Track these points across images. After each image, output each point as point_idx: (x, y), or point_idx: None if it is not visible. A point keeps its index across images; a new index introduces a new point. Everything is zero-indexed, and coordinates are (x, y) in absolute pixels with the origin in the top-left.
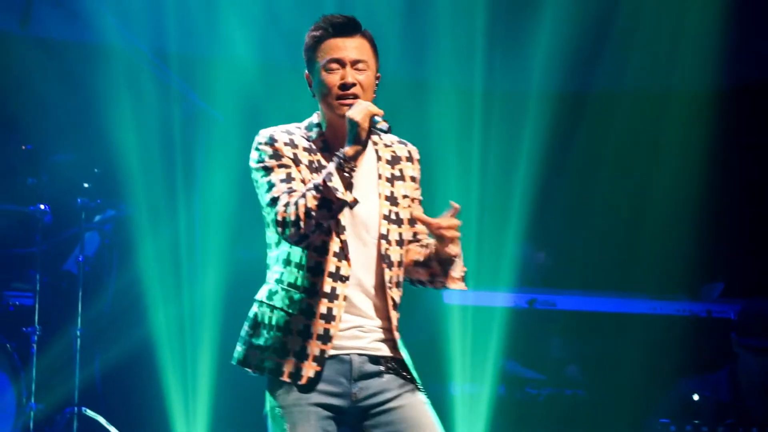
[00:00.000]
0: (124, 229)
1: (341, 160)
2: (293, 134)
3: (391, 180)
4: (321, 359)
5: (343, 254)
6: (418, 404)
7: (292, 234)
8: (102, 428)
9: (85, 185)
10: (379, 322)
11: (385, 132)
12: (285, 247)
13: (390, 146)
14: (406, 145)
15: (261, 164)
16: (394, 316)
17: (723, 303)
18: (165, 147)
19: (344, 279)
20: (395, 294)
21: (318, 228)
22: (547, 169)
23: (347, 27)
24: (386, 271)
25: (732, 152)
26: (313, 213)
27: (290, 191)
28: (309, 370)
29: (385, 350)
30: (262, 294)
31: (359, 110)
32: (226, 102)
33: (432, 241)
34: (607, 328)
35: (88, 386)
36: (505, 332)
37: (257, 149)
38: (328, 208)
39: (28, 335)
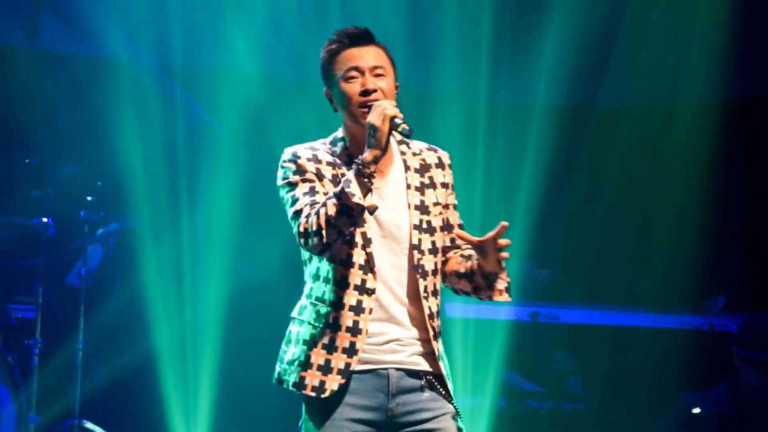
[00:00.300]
0: (127, 243)
1: (360, 166)
2: (317, 150)
3: (421, 188)
4: (346, 372)
5: (369, 267)
6: (453, 430)
7: (315, 244)
8: None
9: (89, 198)
10: (416, 333)
11: (406, 136)
12: (315, 262)
13: (419, 154)
14: (436, 151)
15: (285, 180)
16: (432, 325)
17: (725, 316)
18: (168, 160)
19: (370, 292)
20: (432, 303)
21: (340, 236)
22: (550, 183)
23: (362, 37)
24: (420, 281)
25: (736, 166)
26: (333, 221)
27: (313, 203)
28: (332, 383)
29: (423, 364)
30: (295, 311)
31: (377, 113)
32: (229, 115)
33: (474, 253)
34: (610, 342)
35: (89, 399)
36: (507, 345)
37: (282, 167)
38: (348, 215)
39: (29, 347)
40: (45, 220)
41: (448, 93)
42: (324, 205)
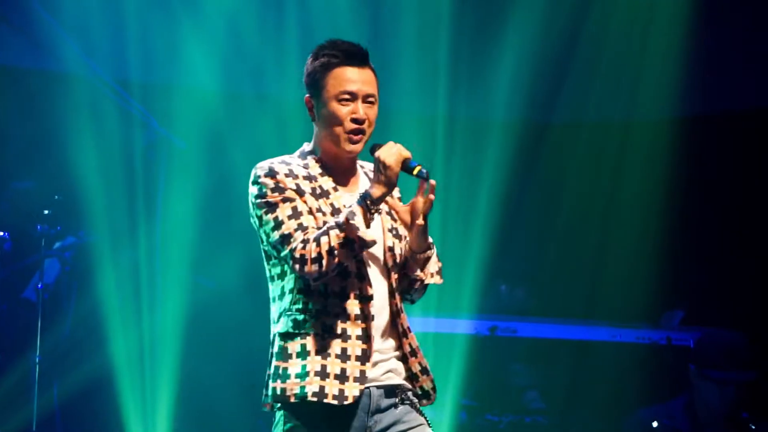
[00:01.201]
0: (85, 257)
1: (367, 201)
2: (290, 164)
3: (391, 213)
4: (363, 378)
5: (363, 276)
6: None
7: (312, 271)
8: None
9: (45, 212)
10: (394, 346)
11: (425, 178)
12: (293, 276)
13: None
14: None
15: (263, 199)
16: (410, 340)
17: (683, 331)
18: (126, 174)
19: (368, 299)
20: (405, 320)
21: (338, 266)
22: (509, 197)
23: (358, 57)
24: (394, 282)
25: (693, 182)
26: (336, 251)
27: (302, 228)
28: (353, 390)
29: (398, 378)
30: (285, 326)
31: (391, 153)
32: (187, 130)
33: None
34: (568, 356)
35: (46, 413)
36: (465, 359)
37: (257, 183)
38: (351, 248)
39: None
40: (1, 233)
41: (407, 107)
42: (326, 233)
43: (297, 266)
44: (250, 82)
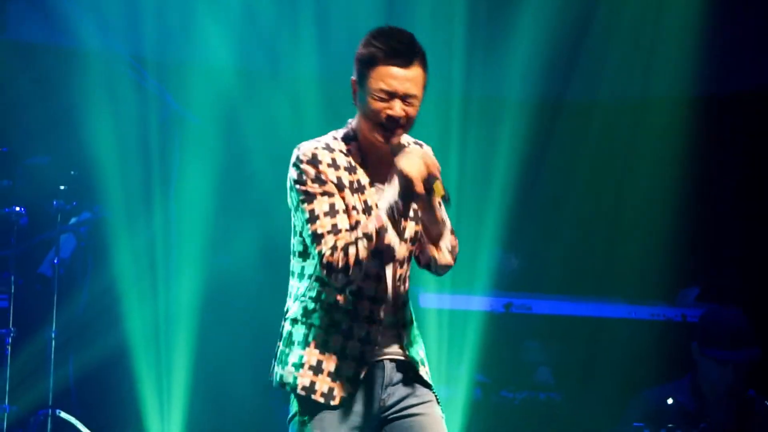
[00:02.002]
0: (100, 232)
1: (395, 214)
2: (333, 151)
3: None
4: (356, 381)
5: (381, 277)
6: (437, 419)
7: (339, 279)
8: (76, 431)
9: (61, 187)
10: (400, 319)
11: (447, 203)
12: (315, 261)
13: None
14: (422, 146)
15: (303, 186)
16: (408, 312)
17: (698, 307)
18: (141, 150)
19: (382, 302)
20: (405, 293)
21: (363, 274)
22: (523, 175)
23: (407, 54)
24: (402, 272)
25: (707, 160)
26: (364, 263)
27: (336, 230)
28: (343, 390)
29: (410, 352)
30: (296, 312)
31: (415, 166)
32: (203, 106)
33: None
34: (583, 333)
35: (62, 388)
36: (480, 336)
37: (298, 167)
38: (380, 259)
39: (2, 337)
40: (17, 209)
41: None
42: (354, 244)
43: (324, 271)
44: (264, 59)
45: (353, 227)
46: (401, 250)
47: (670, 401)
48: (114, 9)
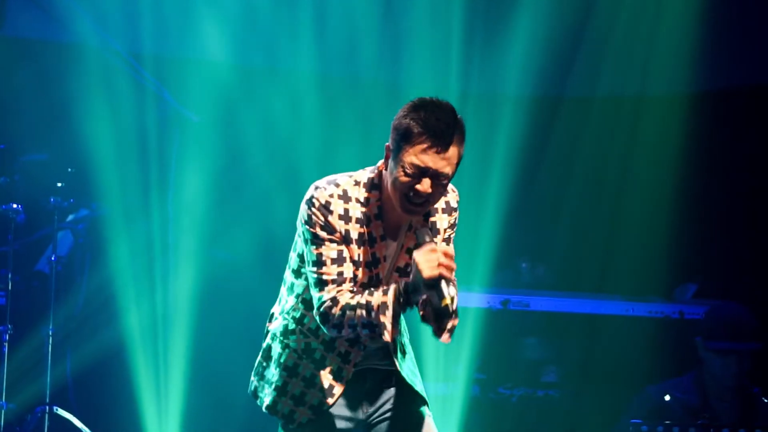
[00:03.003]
0: (97, 229)
1: (401, 300)
2: (349, 200)
3: (412, 249)
4: (318, 410)
5: None
6: (421, 417)
7: (330, 331)
8: (73, 427)
9: (59, 185)
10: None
11: (446, 312)
12: (306, 283)
13: (436, 214)
14: (446, 194)
15: (311, 229)
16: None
17: (696, 304)
18: (139, 147)
19: (361, 347)
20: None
21: (355, 336)
22: (521, 172)
23: (445, 135)
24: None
25: (705, 156)
26: (358, 329)
27: (341, 280)
28: (302, 416)
29: (391, 362)
30: (277, 328)
31: (430, 264)
32: (200, 103)
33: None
34: (581, 330)
35: (59, 385)
36: (478, 333)
37: (310, 209)
38: (371, 331)
39: None
40: (14, 206)
41: (419, 82)
42: (355, 308)
43: (318, 318)
44: (262, 56)
45: (355, 279)
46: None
47: (667, 398)
48: (112, 5)
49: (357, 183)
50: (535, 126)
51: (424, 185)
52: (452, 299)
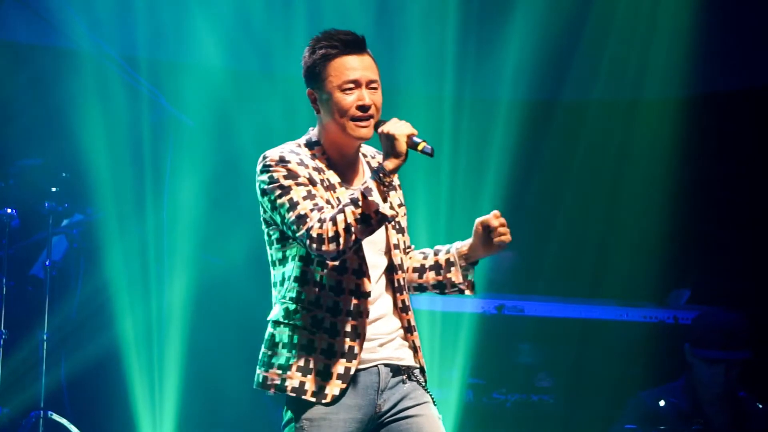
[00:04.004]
0: (92, 234)
1: (381, 174)
2: (299, 154)
3: (387, 191)
4: (346, 377)
5: (362, 271)
6: (433, 419)
7: (330, 250)
8: None
9: (53, 189)
10: (398, 325)
11: (430, 155)
12: (297, 264)
13: (375, 158)
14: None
15: (276, 185)
16: (408, 318)
17: (690, 310)
18: (134, 152)
19: (366, 295)
20: (406, 297)
21: (356, 243)
22: (516, 176)
23: (357, 44)
24: (400, 278)
25: (700, 160)
26: (353, 228)
27: (318, 207)
28: (334, 388)
29: (408, 359)
30: (277, 314)
31: (398, 126)
32: (195, 107)
33: (458, 247)
34: (575, 335)
35: (54, 390)
36: (473, 338)
37: (267, 171)
38: (368, 223)
39: None
40: (9, 211)
41: (414, 87)
42: (341, 211)
43: (314, 245)
44: (257, 60)
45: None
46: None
47: (662, 403)
48: (106, 10)
49: (298, 145)
50: (529, 130)
51: (364, 96)
52: (425, 142)
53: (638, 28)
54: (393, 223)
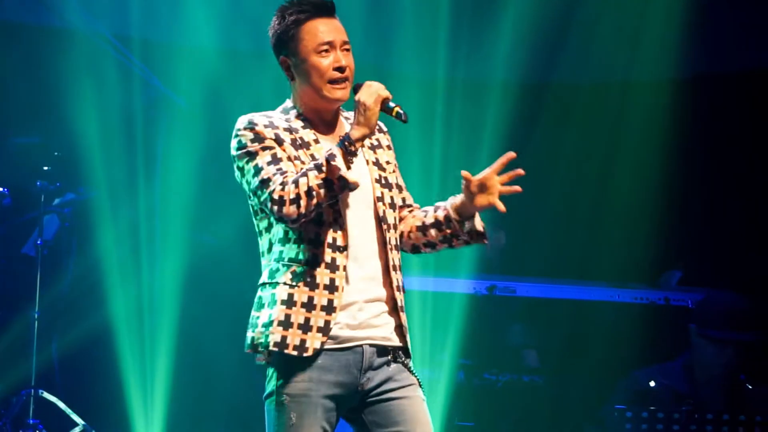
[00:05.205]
0: (84, 213)
1: (346, 142)
2: (271, 117)
3: (373, 148)
4: (326, 329)
5: (339, 224)
6: (418, 401)
7: (291, 212)
8: (59, 411)
9: (45, 168)
10: (383, 291)
11: (403, 121)
12: (281, 227)
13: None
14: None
15: (243, 149)
16: (396, 277)
17: (681, 291)
18: (126, 131)
19: (342, 249)
20: (395, 256)
21: (317, 207)
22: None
23: (327, 8)
24: (386, 233)
25: (691, 142)
26: (314, 192)
27: (282, 172)
28: (315, 341)
29: (393, 340)
30: (263, 277)
31: (369, 92)
32: (188, 87)
33: (452, 201)
34: (567, 316)
35: (45, 369)
36: (464, 318)
37: (237, 136)
38: (330, 188)
39: None
40: (1, 189)
41: (406, 69)
42: (304, 174)
43: (275, 207)
44: (250, 40)
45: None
46: (356, 180)
47: (652, 384)
48: None
49: (272, 111)
50: (521, 113)
51: (340, 58)
52: (399, 106)
53: (630, 8)
54: (377, 176)
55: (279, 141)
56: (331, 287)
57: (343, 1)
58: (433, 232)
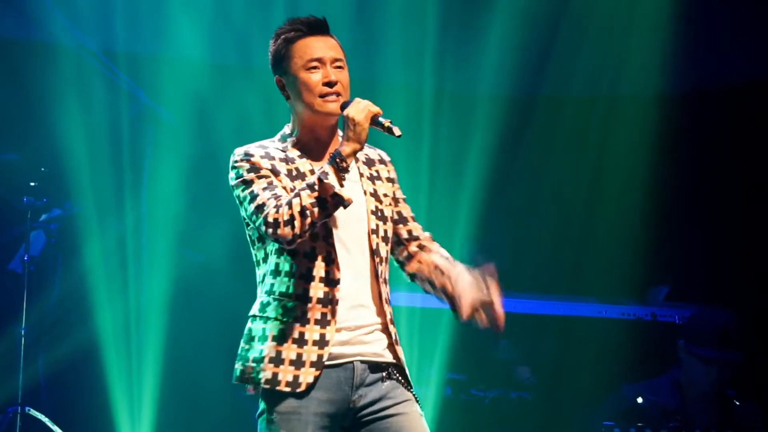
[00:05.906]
0: (71, 229)
1: (337, 159)
2: (267, 147)
3: (372, 179)
4: (319, 363)
5: (332, 259)
6: (416, 417)
7: (286, 233)
8: (46, 428)
9: (32, 184)
10: (377, 320)
11: (396, 136)
12: (272, 259)
13: (372, 165)
14: (374, 149)
15: (240, 179)
16: (388, 310)
17: (668, 307)
18: (113, 146)
19: (335, 283)
20: (385, 289)
21: (311, 227)
22: (495, 171)
23: (320, 26)
24: (378, 266)
25: (678, 156)
26: (308, 212)
27: (276, 196)
28: (307, 376)
29: (386, 356)
30: (254, 309)
31: (359, 109)
32: (174, 101)
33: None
34: (554, 331)
35: (32, 386)
36: (452, 334)
37: (234, 167)
38: (323, 207)
39: None
40: None
41: (394, 79)
42: (297, 195)
43: (270, 230)
44: (237, 54)
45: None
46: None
47: (639, 400)
48: (85, 3)
49: (271, 140)
50: (509, 125)
51: (329, 73)
52: (390, 122)
53: (617, 23)
54: (374, 208)
55: (275, 172)
56: (323, 322)
57: (330, 10)
58: (434, 289)
